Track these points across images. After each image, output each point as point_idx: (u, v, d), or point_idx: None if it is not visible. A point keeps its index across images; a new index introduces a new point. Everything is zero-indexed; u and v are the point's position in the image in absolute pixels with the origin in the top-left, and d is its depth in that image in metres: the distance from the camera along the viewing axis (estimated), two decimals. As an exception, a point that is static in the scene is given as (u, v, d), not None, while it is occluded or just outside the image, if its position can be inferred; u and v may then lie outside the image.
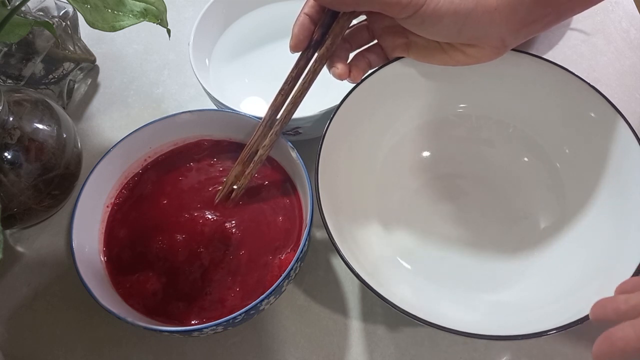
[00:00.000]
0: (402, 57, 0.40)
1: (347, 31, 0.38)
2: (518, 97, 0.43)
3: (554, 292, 0.37)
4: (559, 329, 0.31)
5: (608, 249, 0.36)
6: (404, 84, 0.42)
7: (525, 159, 0.44)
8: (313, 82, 0.38)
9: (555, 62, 0.40)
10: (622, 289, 0.27)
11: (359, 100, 0.40)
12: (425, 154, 0.46)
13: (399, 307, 0.32)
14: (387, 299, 0.32)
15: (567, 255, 0.39)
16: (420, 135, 0.45)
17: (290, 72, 0.39)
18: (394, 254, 0.42)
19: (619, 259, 0.35)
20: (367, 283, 0.33)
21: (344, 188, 0.40)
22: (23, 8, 0.41)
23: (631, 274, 0.32)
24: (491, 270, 0.41)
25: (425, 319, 0.32)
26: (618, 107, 0.38)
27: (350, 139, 0.41)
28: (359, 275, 0.33)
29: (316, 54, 0.38)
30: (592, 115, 0.39)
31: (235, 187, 0.41)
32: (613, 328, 0.24)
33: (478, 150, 0.45)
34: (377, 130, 0.44)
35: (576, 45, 0.56)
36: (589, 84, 0.39)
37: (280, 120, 0.39)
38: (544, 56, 0.41)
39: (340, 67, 0.37)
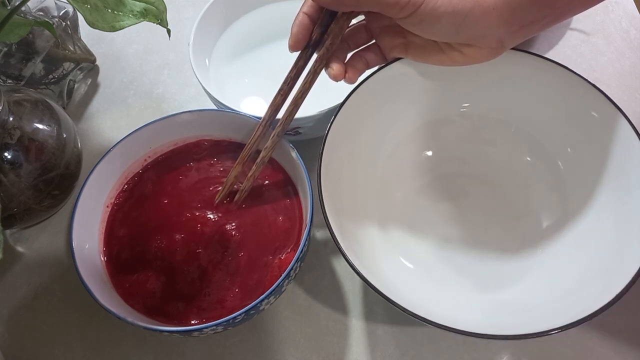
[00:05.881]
0: (402, 58, 0.40)
1: (346, 31, 0.38)
2: (520, 96, 0.43)
3: (555, 291, 0.37)
4: (560, 328, 0.31)
5: (610, 248, 0.36)
6: (406, 84, 0.42)
7: (528, 158, 0.44)
8: (314, 82, 0.38)
9: (557, 61, 0.40)
10: None
11: (360, 101, 0.40)
12: (428, 153, 0.46)
13: (401, 307, 0.32)
14: (390, 299, 0.32)
15: (568, 255, 0.39)
16: (422, 135, 0.45)
17: (289, 72, 0.38)
18: (396, 253, 0.42)
19: (621, 259, 0.35)
20: (369, 282, 0.33)
21: (346, 188, 0.40)
22: (23, 8, 0.41)
23: (634, 273, 0.32)
24: (493, 270, 0.41)
25: (427, 317, 0.32)
26: (618, 107, 0.38)
27: (352, 140, 0.41)
28: (361, 274, 0.33)
29: (315, 54, 0.38)
30: (594, 114, 0.39)
31: (236, 187, 0.41)
32: None
33: (480, 150, 0.45)
34: (379, 130, 0.44)
35: (576, 45, 0.56)
36: (590, 83, 0.39)
37: (281, 121, 0.39)
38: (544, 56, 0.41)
39: (335, 67, 0.37)
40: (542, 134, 0.43)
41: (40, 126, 0.41)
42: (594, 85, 0.39)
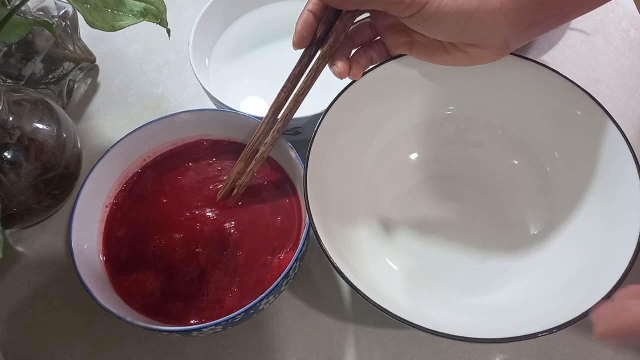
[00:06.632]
0: (390, 60, 0.40)
1: (351, 28, 0.38)
2: (505, 98, 0.42)
3: (544, 293, 0.37)
4: (548, 331, 0.30)
5: (598, 250, 0.36)
6: (392, 87, 0.42)
7: (515, 161, 0.44)
8: (316, 79, 0.38)
9: (540, 62, 0.40)
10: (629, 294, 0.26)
11: (348, 103, 0.40)
12: (415, 156, 0.46)
13: (389, 311, 0.32)
14: (379, 305, 0.32)
15: (557, 257, 0.39)
16: (410, 138, 0.45)
17: (294, 70, 0.38)
18: (384, 256, 0.41)
19: (609, 260, 0.34)
20: (355, 286, 0.32)
21: (333, 191, 0.40)
22: (23, 8, 0.41)
23: (621, 274, 0.32)
24: (482, 272, 0.41)
25: (413, 322, 0.31)
26: (618, 107, 0.38)
27: (339, 142, 0.41)
28: (347, 278, 0.33)
29: (319, 52, 0.38)
30: (580, 116, 0.39)
31: (238, 184, 0.41)
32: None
33: (467, 153, 0.45)
34: (367, 133, 0.43)
35: (576, 45, 0.56)
36: (575, 84, 0.38)
37: (282, 118, 0.39)
38: (544, 56, 0.40)
39: (340, 65, 0.37)
40: (528, 136, 0.43)
41: (40, 126, 0.41)
42: (578, 86, 0.38)
